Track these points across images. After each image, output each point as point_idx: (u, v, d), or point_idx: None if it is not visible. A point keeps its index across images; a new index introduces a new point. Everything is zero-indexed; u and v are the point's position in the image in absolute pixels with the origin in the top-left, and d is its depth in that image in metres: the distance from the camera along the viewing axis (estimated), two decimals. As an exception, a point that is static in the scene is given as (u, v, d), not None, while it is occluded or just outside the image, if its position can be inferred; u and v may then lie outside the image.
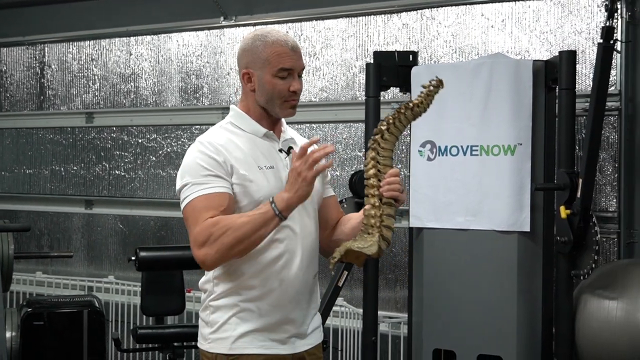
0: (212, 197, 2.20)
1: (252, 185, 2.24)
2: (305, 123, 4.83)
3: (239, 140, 2.30)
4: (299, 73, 2.31)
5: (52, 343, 4.07)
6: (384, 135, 2.20)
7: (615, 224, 3.97)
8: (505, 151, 3.54)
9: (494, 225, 3.56)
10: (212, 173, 2.21)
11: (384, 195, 2.19)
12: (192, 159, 2.26)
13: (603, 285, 3.42)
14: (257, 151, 2.30)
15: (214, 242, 2.15)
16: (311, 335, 2.37)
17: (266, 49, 2.28)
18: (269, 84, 2.28)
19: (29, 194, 5.89)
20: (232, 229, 2.14)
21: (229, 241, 2.14)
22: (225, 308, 2.28)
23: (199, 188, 2.21)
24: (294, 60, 2.29)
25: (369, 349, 3.82)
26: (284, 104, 2.30)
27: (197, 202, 2.20)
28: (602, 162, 3.97)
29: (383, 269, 4.54)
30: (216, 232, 2.14)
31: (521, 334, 3.54)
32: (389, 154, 2.22)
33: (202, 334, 2.34)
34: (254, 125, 2.33)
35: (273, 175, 2.28)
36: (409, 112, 2.19)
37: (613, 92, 3.92)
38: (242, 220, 2.15)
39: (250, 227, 2.15)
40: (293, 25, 4.88)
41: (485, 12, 4.31)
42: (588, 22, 4.02)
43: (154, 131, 5.39)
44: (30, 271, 5.62)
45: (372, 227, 2.18)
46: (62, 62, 5.77)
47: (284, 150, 2.35)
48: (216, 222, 2.16)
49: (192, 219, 2.20)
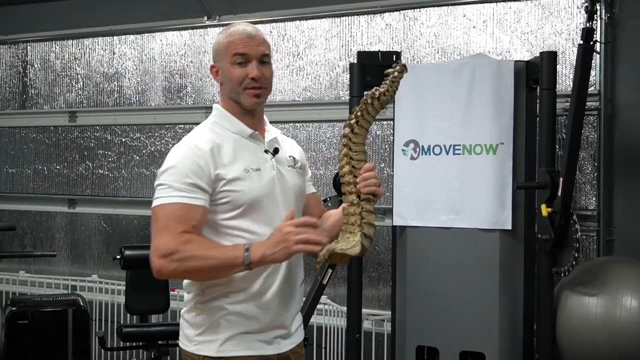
0: (188, 208, 2.15)
1: (239, 189, 2.22)
2: (289, 122, 4.86)
3: (225, 141, 2.27)
4: (261, 59, 2.28)
5: (37, 342, 4.08)
6: (354, 129, 2.17)
7: (594, 222, 4.03)
8: (488, 150, 3.58)
9: (477, 223, 3.60)
10: (194, 182, 2.17)
11: (362, 191, 2.16)
12: (178, 160, 2.21)
13: (583, 282, 3.47)
14: (243, 153, 2.27)
15: (176, 260, 2.10)
16: (294, 334, 2.38)
17: (225, 40, 2.30)
18: (228, 72, 2.28)
19: (11, 193, 5.87)
20: (198, 258, 2.11)
21: (190, 266, 2.11)
22: (213, 310, 2.25)
23: (178, 194, 2.16)
24: (248, 47, 2.26)
25: (353, 346, 3.85)
26: (246, 92, 2.27)
27: (171, 209, 2.15)
28: (582, 161, 4.02)
29: (367, 267, 4.58)
30: (182, 252, 2.10)
31: (503, 331, 3.58)
32: (361, 149, 2.19)
33: (186, 335, 2.30)
34: (239, 126, 2.31)
35: (259, 177, 2.26)
36: (376, 102, 2.15)
37: (593, 92, 3.97)
38: (210, 253, 2.12)
39: (215, 264, 2.12)
40: (277, 25, 4.90)
41: (467, 13, 4.36)
42: (568, 23, 4.08)
43: (138, 130, 5.39)
44: (13, 270, 5.62)
45: (353, 225, 2.15)
46: (45, 61, 5.75)
47: (270, 151, 2.33)
48: (186, 242, 2.12)
49: (161, 224, 2.15)
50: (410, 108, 3.74)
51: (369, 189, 2.17)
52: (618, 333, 3.31)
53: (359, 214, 2.16)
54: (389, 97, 2.16)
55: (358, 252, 2.12)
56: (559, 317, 3.47)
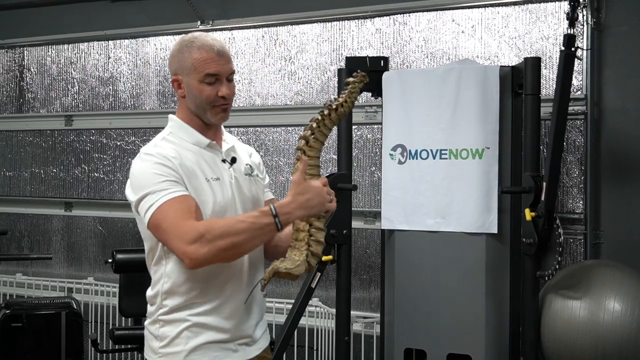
0: (182, 199, 2.14)
1: (203, 199, 2.22)
2: (281, 126, 4.90)
3: (185, 151, 2.26)
4: (228, 77, 2.29)
5: (31, 344, 4.14)
6: (309, 141, 2.14)
7: (582, 226, 4.05)
8: (474, 155, 3.61)
9: (463, 227, 3.64)
10: (169, 179, 2.16)
11: None
12: (142, 170, 2.20)
13: (567, 285, 3.50)
14: (202, 162, 2.27)
15: (207, 242, 2.06)
16: (260, 340, 2.40)
17: (192, 55, 2.26)
18: (196, 89, 2.25)
19: (8, 196, 5.92)
20: (229, 233, 2.07)
21: (223, 244, 2.07)
22: (175, 322, 2.26)
23: (164, 194, 2.14)
24: (220, 66, 2.25)
25: (342, 348, 3.89)
26: (214, 109, 2.28)
27: (169, 205, 2.12)
28: (569, 165, 4.06)
29: (358, 270, 4.62)
30: (211, 232, 2.06)
31: (489, 334, 3.62)
32: (315, 162, 2.16)
33: (150, 347, 2.31)
34: (196, 136, 2.30)
35: (219, 186, 2.27)
36: (334, 114, 2.13)
37: (579, 96, 4.01)
38: (239, 227, 2.08)
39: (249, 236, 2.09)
40: (268, 30, 4.94)
41: (455, 18, 4.39)
42: (555, 29, 4.11)
43: (133, 134, 5.44)
44: (10, 273, 5.67)
45: (301, 241, 2.12)
46: (42, 66, 5.81)
47: (227, 161, 2.34)
48: (208, 223, 2.10)
49: (171, 218, 2.11)
50: (398, 113, 3.77)
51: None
52: (602, 336, 3.34)
53: (307, 231, 2.13)
54: (346, 108, 2.14)
55: (302, 271, 2.10)
56: (543, 320, 3.50)
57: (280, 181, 4.87)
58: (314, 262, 2.13)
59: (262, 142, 4.94)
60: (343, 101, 2.13)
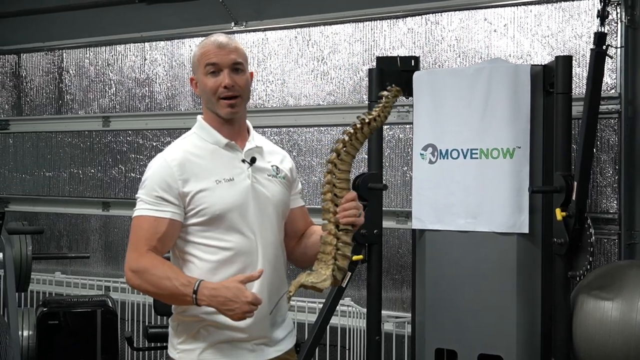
0: (154, 221, 2.25)
1: (207, 201, 2.27)
2: (313, 126, 4.92)
3: (201, 152, 2.32)
4: (233, 68, 2.32)
5: (67, 341, 4.22)
6: (341, 154, 2.14)
7: (616, 226, 4.00)
8: (505, 154, 3.59)
9: (494, 227, 3.62)
10: (161, 195, 2.26)
11: (340, 222, 2.15)
12: (150, 174, 2.32)
13: (600, 286, 3.47)
14: (217, 163, 2.32)
15: (140, 278, 2.23)
16: (282, 342, 2.40)
17: (198, 52, 2.36)
18: (202, 83, 2.33)
19: (48, 196, 6.03)
20: (153, 285, 2.22)
21: (149, 289, 2.25)
22: (191, 321, 2.31)
23: (147, 207, 2.27)
24: (218, 56, 2.31)
25: (373, 348, 3.89)
26: (220, 101, 2.31)
27: (141, 222, 2.27)
28: (603, 165, 4.01)
29: (390, 270, 4.63)
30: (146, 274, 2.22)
31: (520, 334, 3.60)
32: (345, 176, 2.17)
33: (171, 343, 2.38)
34: (215, 136, 2.35)
35: (230, 188, 2.30)
36: (366, 128, 2.13)
37: (613, 95, 3.96)
38: (164, 284, 2.20)
39: (167, 294, 2.23)
40: (301, 30, 4.96)
41: (488, 17, 4.37)
42: (588, 26, 4.06)
43: (168, 134, 5.50)
44: (50, 271, 5.77)
45: (328, 255, 2.15)
46: (80, 67, 5.91)
47: (247, 161, 2.36)
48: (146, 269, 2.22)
49: (133, 237, 2.29)
50: (428, 112, 3.77)
51: (348, 220, 2.16)
52: (634, 336, 3.30)
53: (334, 245, 2.15)
54: (379, 123, 2.14)
55: (327, 286, 2.14)
56: (575, 320, 3.47)
57: (313, 181, 4.89)
58: (339, 276, 2.15)
59: (294, 142, 4.97)
60: (376, 115, 2.13)
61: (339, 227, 2.16)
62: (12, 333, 3.65)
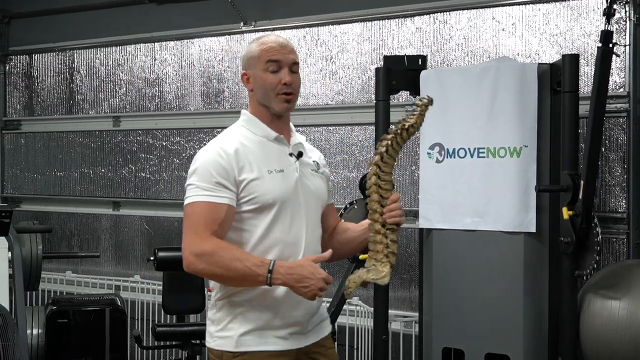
0: (213, 207, 2.28)
1: (261, 189, 2.32)
2: (321, 126, 4.93)
3: (251, 143, 2.37)
4: (291, 68, 2.39)
5: (76, 340, 4.24)
6: (384, 157, 2.27)
7: (624, 225, 3.99)
8: (512, 153, 3.59)
9: (501, 226, 3.62)
10: (219, 181, 2.29)
11: (387, 221, 2.30)
12: (204, 162, 2.34)
13: (607, 285, 3.45)
14: (267, 155, 2.38)
15: (205, 261, 2.25)
16: (316, 329, 2.45)
17: (257, 48, 2.41)
18: (261, 79, 2.39)
19: (59, 195, 6.07)
20: (222, 267, 2.24)
21: (216, 271, 2.26)
22: (229, 306, 2.36)
23: (205, 193, 2.29)
24: (281, 54, 2.38)
25: (380, 347, 3.89)
26: (277, 97, 2.38)
27: (199, 208, 2.29)
28: (611, 164, 4.00)
29: (398, 269, 4.62)
30: (213, 256, 2.24)
31: (527, 333, 3.59)
32: (389, 178, 2.30)
33: (209, 332, 2.42)
34: (265, 129, 2.41)
35: (282, 178, 2.36)
36: (405, 133, 2.26)
37: (621, 93, 3.95)
38: (234, 265, 2.24)
39: (238, 275, 2.25)
40: (310, 30, 4.97)
41: (496, 16, 4.36)
42: (597, 25, 4.04)
43: (178, 134, 5.53)
44: (61, 270, 5.81)
45: (379, 253, 2.29)
46: (91, 68, 5.94)
47: (294, 155, 2.43)
48: (214, 251, 2.24)
49: (191, 222, 2.29)
50: (436, 111, 3.68)
51: (394, 220, 2.31)
52: (642, 336, 3.29)
53: (385, 244, 2.30)
54: (416, 129, 2.28)
55: (387, 282, 2.30)
56: (582, 319, 3.46)
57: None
58: (391, 272, 2.30)
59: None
60: (414, 122, 2.26)
61: (385, 227, 2.30)
62: (20, 331, 3.67)
